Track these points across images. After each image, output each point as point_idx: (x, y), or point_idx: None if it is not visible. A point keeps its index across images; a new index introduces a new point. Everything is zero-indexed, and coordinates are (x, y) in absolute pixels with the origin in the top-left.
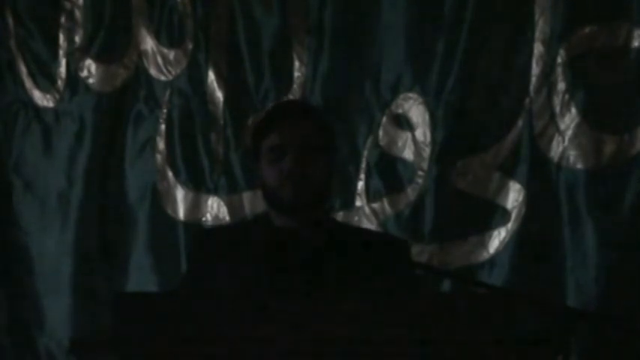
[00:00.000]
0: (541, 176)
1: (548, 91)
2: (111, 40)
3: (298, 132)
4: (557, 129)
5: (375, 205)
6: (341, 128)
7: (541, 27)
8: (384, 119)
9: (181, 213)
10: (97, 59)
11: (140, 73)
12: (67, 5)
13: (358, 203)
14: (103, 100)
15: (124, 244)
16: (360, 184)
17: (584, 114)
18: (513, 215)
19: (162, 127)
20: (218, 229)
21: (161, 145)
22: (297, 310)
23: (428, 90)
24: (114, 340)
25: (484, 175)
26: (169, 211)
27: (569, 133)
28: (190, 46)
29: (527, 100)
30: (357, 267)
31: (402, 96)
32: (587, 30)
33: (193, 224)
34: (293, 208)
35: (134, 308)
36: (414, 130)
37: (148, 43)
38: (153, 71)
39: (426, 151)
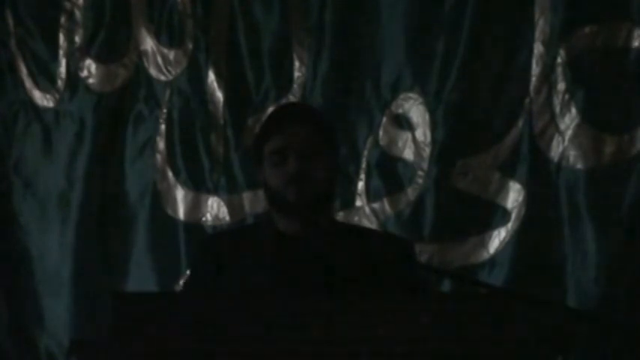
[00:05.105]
0: (541, 176)
1: (548, 91)
2: (111, 40)
3: (300, 135)
4: (557, 129)
5: (375, 205)
6: (341, 128)
7: (541, 27)
8: (384, 119)
9: (181, 213)
10: (97, 59)
11: (140, 73)
12: (67, 5)
13: (358, 203)
14: (103, 100)
15: (124, 244)
16: (360, 184)
17: (584, 114)
18: (513, 215)
19: (162, 127)
20: (222, 235)
21: (161, 145)
22: (302, 312)
23: (428, 90)
24: (114, 340)
25: (484, 175)
26: (169, 211)
27: (569, 133)
28: (190, 46)
29: (527, 100)
30: (361, 268)
31: (402, 96)
32: (587, 30)
33: (193, 224)
34: (296, 211)
35: (134, 308)
36: (414, 130)
37: (148, 43)
38: (153, 71)
39: (426, 151)
